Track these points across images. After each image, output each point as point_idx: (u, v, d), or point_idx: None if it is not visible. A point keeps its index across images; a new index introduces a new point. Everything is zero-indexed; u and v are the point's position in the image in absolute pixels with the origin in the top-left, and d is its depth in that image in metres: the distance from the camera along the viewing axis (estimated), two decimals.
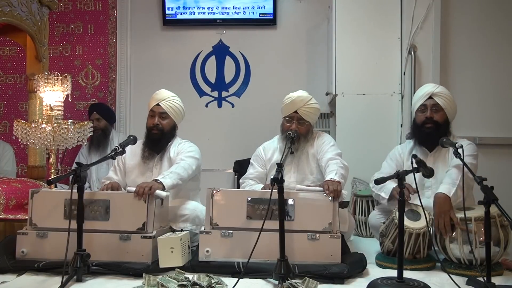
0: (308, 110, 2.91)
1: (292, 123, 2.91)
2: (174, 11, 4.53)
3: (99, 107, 4.31)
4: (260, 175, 3.01)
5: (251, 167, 3.08)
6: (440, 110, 2.75)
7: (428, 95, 2.77)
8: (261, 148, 3.10)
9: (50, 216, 2.47)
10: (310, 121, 2.95)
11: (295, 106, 2.90)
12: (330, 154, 2.85)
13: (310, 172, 2.94)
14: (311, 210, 2.43)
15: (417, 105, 2.81)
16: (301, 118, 2.91)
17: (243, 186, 3.01)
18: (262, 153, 3.07)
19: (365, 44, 3.80)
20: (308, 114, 2.91)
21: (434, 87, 2.81)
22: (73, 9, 4.64)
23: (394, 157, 2.93)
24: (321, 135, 3.03)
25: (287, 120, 2.95)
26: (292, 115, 2.92)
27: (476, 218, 2.35)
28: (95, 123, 4.12)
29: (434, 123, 2.74)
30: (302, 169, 2.95)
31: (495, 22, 3.81)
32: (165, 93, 3.00)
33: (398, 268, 2.11)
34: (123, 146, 2.62)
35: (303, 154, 2.95)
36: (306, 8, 4.51)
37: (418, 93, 2.87)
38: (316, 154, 2.94)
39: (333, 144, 2.96)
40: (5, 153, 4.09)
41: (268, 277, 2.23)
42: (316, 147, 2.96)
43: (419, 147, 2.84)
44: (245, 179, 3.03)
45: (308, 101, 2.92)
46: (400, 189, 2.14)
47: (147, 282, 2.13)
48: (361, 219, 3.45)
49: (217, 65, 4.63)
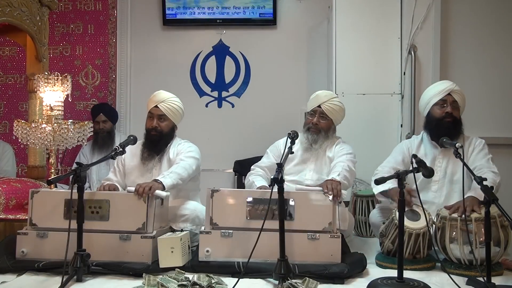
0: (331, 106, 2.95)
1: (314, 117, 2.97)
2: (174, 11, 4.53)
3: (105, 109, 4.26)
4: (272, 165, 2.95)
5: (265, 156, 3.09)
6: (458, 107, 2.81)
7: (448, 91, 2.80)
8: (281, 141, 3.07)
9: (50, 216, 2.47)
10: (332, 118, 2.98)
11: (319, 100, 2.97)
12: (342, 158, 2.86)
13: (326, 173, 2.90)
14: (311, 210, 2.43)
15: (435, 100, 2.81)
16: (323, 113, 2.96)
17: (250, 172, 3.02)
18: (281, 145, 3.05)
19: (365, 44, 3.80)
20: (331, 110, 2.95)
21: (453, 84, 2.84)
22: (73, 9, 4.64)
23: (401, 150, 2.94)
24: (341, 143, 3.02)
25: (310, 114, 3.02)
26: (316, 109, 2.98)
27: (476, 219, 2.35)
28: (101, 125, 4.13)
29: (453, 118, 2.78)
30: (320, 168, 2.95)
31: (495, 22, 3.81)
32: (163, 94, 2.99)
33: (398, 268, 2.11)
34: (123, 146, 2.62)
35: (321, 154, 2.96)
36: (306, 8, 4.51)
37: (433, 89, 2.87)
38: (333, 158, 2.94)
39: (350, 152, 2.94)
40: (5, 153, 4.09)
41: (268, 277, 2.23)
42: (334, 152, 2.96)
43: (429, 142, 2.87)
44: (256, 167, 3.03)
45: (332, 97, 3.00)
46: (400, 189, 2.14)
47: (147, 282, 2.13)
48: (361, 219, 3.45)
49: (217, 65, 4.63)
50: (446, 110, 2.78)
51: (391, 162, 2.89)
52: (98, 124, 4.12)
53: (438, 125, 2.80)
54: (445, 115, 2.79)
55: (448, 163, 2.80)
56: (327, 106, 2.95)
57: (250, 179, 2.93)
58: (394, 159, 2.91)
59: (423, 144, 2.91)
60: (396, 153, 2.95)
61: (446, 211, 2.49)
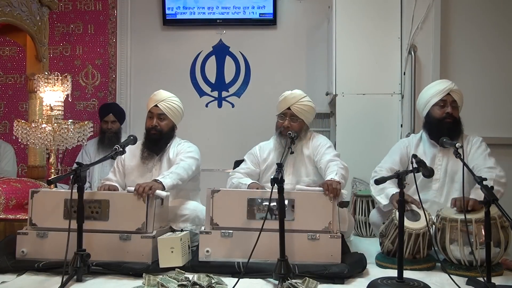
0: (300, 107, 2.90)
1: (285, 120, 2.92)
2: (174, 11, 4.53)
3: (115, 109, 4.26)
4: (251, 172, 3.00)
5: (243, 163, 3.08)
6: (457, 107, 2.81)
7: (448, 91, 2.79)
8: (257, 147, 3.10)
9: (50, 216, 2.47)
10: (303, 118, 2.93)
11: (288, 103, 2.91)
12: (329, 156, 2.84)
13: (306, 174, 2.93)
14: (311, 210, 2.43)
15: (434, 100, 2.81)
16: (293, 115, 2.90)
17: (231, 177, 2.99)
18: (257, 152, 3.07)
19: (365, 44, 3.80)
20: (301, 111, 2.91)
21: (452, 83, 2.83)
22: (73, 9, 4.64)
23: (398, 150, 2.94)
24: (315, 136, 3.02)
25: (281, 117, 2.96)
26: (285, 111, 2.92)
27: (476, 220, 2.34)
28: (110, 125, 4.13)
29: (453, 119, 2.78)
30: (298, 170, 2.94)
31: (495, 22, 3.81)
32: (163, 94, 2.99)
33: (398, 268, 2.11)
34: (123, 146, 2.62)
35: (299, 155, 2.94)
36: (306, 8, 4.51)
37: (433, 89, 2.86)
38: (312, 156, 2.93)
39: (329, 145, 2.95)
40: (6, 153, 4.09)
41: (268, 277, 2.23)
42: (311, 148, 2.95)
43: (429, 141, 2.87)
44: (235, 172, 3.03)
45: (301, 98, 2.92)
46: (400, 189, 2.14)
47: (147, 282, 2.13)
48: (361, 219, 3.45)
49: (217, 65, 4.63)
50: (446, 111, 2.78)
51: (388, 162, 2.89)
52: (107, 124, 4.13)
53: (438, 126, 2.79)
54: (445, 116, 2.78)
55: (448, 162, 2.80)
56: (296, 107, 2.90)
57: (234, 182, 2.91)
58: (391, 158, 2.90)
59: (422, 142, 2.91)
60: (393, 152, 2.95)
61: (446, 212, 2.48)
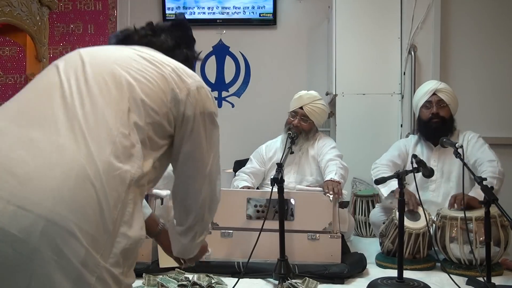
0: (313, 108, 2.93)
1: (295, 118, 2.94)
2: (174, 11, 4.53)
3: None
4: (256, 171, 3.03)
5: (249, 162, 3.11)
6: (445, 106, 2.79)
7: (433, 91, 2.79)
8: (264, 146, 3.12)
9: None
10: (314, 120, 2.96)
11: (302, 102, 2.94)
12: (330, 155, 2.86)
13: (310, 173, 2.95)
14: (311, 210, 2.43)
15: (421, 102, 2.83)
16: (305, 115, 2.93)
17: (235, 178, 3.05)
18: (263, 151, 3.09)
19: (365, 44, 3.80)
20: (313, 112, 2.93)
21: (437, 83, 2.84)
22: (73, 9, 4.63)
23: (398, 147, 2.96)
24: (322, 138, 3.04)
25: (292, 115, 2.99)
26: (297, 110, 2.95)
27: (476, 218, 2.35)
28: None
29: (440, 119, 2.78)
30: (302, 169, 2.96)
31: (495, 22, 3.81)
32: None
33: (398, 268, 2.11)
34: None
35: (304, 155, 2.96)
36: (306, 8, 4.50)
37: (421, 90, 2.88)
38: (316, 156, 2.95)
39: (333, 146, 2.97)
40: None
41: (268, 277, 2.23)
42: (316, 149, 2.97)
43: (424, 142, 2.89)
44: (240, 172, 3.06)
45: (315, 100, 2.95)
46: (400, 189, 2.14)
47: (147, 282, 2.13)
48: (361, 219, 3.45)
49: (217, 65, 4.62)
50: (432, 111, 2.78)
51: (388, 155, 2.92)
52: None
53: (426, 127, 2.82)
54: (431, 116, 2.78)
55: (444, 163, 2.80)
56: (309, 108, 2.92)
57: (234, 184, 2.95)
58: (390, 153, 2.94)
59: (420, 143, 2.92)
60: (392, 149, 2.98)
61: (447, 210, 2.49)
